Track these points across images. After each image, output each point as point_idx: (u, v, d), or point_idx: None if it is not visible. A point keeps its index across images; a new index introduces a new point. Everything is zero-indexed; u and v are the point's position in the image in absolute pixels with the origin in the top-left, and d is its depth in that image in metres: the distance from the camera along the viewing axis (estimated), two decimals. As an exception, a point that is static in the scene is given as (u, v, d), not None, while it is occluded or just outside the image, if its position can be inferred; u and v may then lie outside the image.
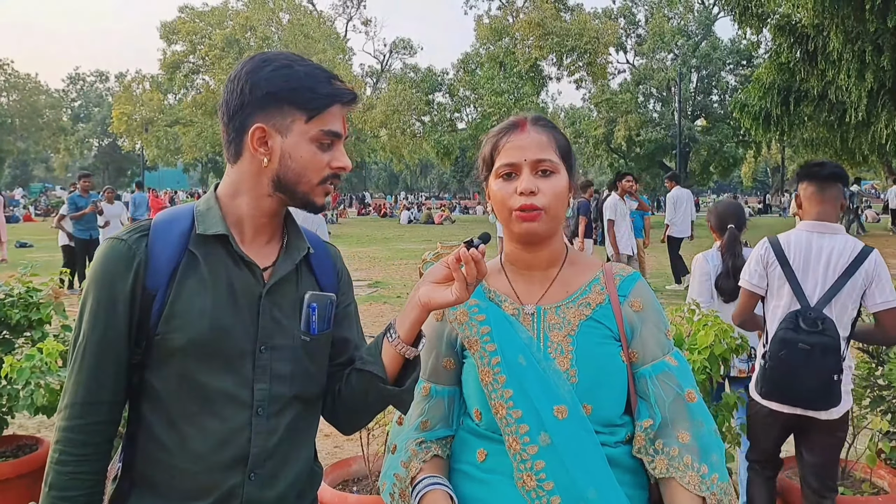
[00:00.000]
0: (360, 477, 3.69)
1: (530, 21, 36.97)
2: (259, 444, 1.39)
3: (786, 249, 3.13)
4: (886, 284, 3.00)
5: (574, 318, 1.60)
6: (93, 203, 11.70)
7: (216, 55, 39.75)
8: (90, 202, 11.68)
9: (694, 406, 1.57)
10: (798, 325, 2.97)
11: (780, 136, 20.69)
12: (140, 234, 1.40)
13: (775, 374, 3.00)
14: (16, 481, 3.70)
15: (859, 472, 3.62)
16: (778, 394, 3.04)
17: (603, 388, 1.56)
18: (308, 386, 1.48)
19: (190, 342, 1.35)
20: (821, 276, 3.04)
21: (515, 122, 1.63)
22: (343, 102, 1.41)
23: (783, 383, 3.01)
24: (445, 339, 1.68)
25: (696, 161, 40.44)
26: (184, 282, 1.37)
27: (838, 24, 15.93)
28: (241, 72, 1.39)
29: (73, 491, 1.35)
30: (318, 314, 1.46)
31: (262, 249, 1.45)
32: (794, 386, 2.98)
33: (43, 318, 3.95)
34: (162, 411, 1.38)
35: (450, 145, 39.63)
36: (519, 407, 1.51)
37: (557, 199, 1.57)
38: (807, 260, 3.08)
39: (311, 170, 1.39)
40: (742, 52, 39.91)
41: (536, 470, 1.48)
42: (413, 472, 1.58)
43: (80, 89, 73.85)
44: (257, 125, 1.37)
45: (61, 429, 1.36)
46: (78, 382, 1.36)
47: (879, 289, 2.99)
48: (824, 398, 2.95)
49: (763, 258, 3.17)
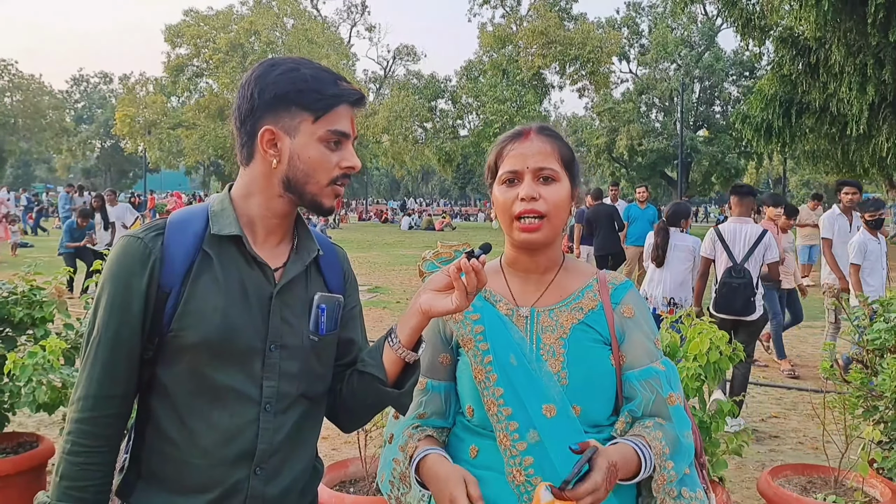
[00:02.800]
0: (357, 478, 3.71)
1: (534, 29, 37.07)
2: (266, 439, 1.43)
3: (723, 233, 5.89)
4: (774, 249, 5.88)
5: (566, 322, 1.65)
6: (88, 236, 11.82)
7: (220, 59, 39.85)
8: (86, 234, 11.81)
9: (672, 408, 1.62)
10: (731, 273, 5.74)
11: (781, 148, 20.71)
12: (156, 232, 1.42)
13: (721, 300, 5.75)
14: (16, 478, 3.71)
15: (852, 480, 3.64)
16: (724, 309, 5.73)
17: (592, 390, 1.61)
18: (314, 385, 1.52)
19: (202, 340, 1.37)
20: (742, 246, 5.80)
21: (521, 130, 1.68)
22: (350, 102, 1.44)
23: (725, 303, 5.73)
24: (441, 335, 1.74)
25: (698, 171, 40.49)
26: (197, 281, 1.40)
27: (840, 38, 15.97)
28: (251, 77, 1.43)
29: (84, 481, 1.38)
30: (327, 315, 1.50)
31: (274, 250, 1.48)
32: (731, 304, 5.70)
33: (46, 317, 3.98)
34: (171, 406, 1.41)
35: (452, 152, 39.67)
36: (509, 405, 1.56)
37: (558, 207, 1.61)
38: (734, 238, 5.84)
39: (320, 170, 1.42)
40: (744, 64, 40.00)
41: (525, 465, 1.53)
42: (410, 452, 1.63)
43: (83, 90, 73.87)
44: (266, 127, 1.40)
45: (74, 420, 1.39)
46: (91, 376, 1.39)
47: (770, 252, 5.84)
48: (747, 310, 5.69)
49: (712, 238, 5.93)
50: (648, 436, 1.56)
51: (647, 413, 1.61)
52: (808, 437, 5.49)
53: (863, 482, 3.60)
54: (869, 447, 3.55)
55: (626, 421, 1.63)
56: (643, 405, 1.62)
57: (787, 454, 5.10)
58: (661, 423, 1.60)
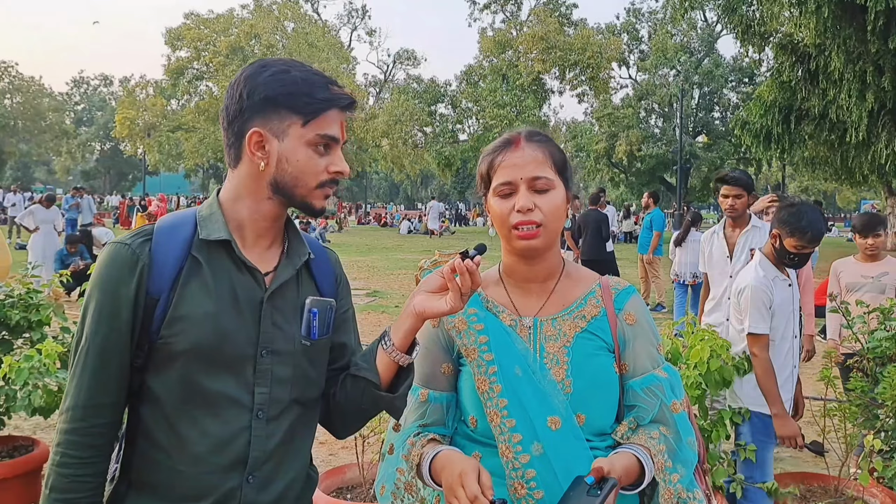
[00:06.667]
0: (354, 485, 3.70)
1: (534, 35, 37.15)
2: (258, 446, 1.41)
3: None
4: None
5: (569, 330, 1.63)
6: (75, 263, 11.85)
7: (220, 62, 39.85)
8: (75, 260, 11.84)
9: (676, 416, 1.61)
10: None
11: (780, 155, 20.69)
12: (143, 238, 1.41)
13: None
14: (12, 482, 3.70)
15: (852, 489, 3.63)
16: None
17: (596, 398, 1.60)
18: (307, 390, 1.50)
19: (192, 346, 1.36)
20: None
21: (510, 139, 1.66)
22: (340, 107, 1.42)
23: None
24: (442, 344, 1.71)
25: (697, 177, 40.50)
26: (187, 286, 1.38)
27: (840, 45, 16.01)
28: (241, 77, 1.42)
29: (74, 493, 1.35)
30: (319, 319, 1.47)
31: (264, 254, 1.46)
32: None
33: (42, 320, 3.96)
34: (162, 414, 1.38)
35: (451, 156, 39.68)
36: (513, 416, 1.54)
37: (554, 214, 1.59)
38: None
39: (308, 174, 1.40)
40: (744, 70, 40.07)
41: (527, 478, 1.51)
42: (415, 460, 1.59)
43: (83, 93, 73.94)
44: (254, 129, 1.38)
45: (63, 431, 1.36)
46: (80, 385, 1.37)
47: None
48: None
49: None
50: (654, 448, 1.55)
51: (650, 420, 1.60)
52: (808, 445, 5.46)
53: (863, 491, 3.59)
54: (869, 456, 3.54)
55: (630, 427, 1.61)
56: (646, 413, 1.60)
57: (786, 462, 5.07)
58: (666, 434, 1.58)
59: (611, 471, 1.43)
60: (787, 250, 3.24)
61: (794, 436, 3.20)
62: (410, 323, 1.43)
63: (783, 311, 3.33)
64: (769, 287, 3.27)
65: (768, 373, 3.23)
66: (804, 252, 3.24)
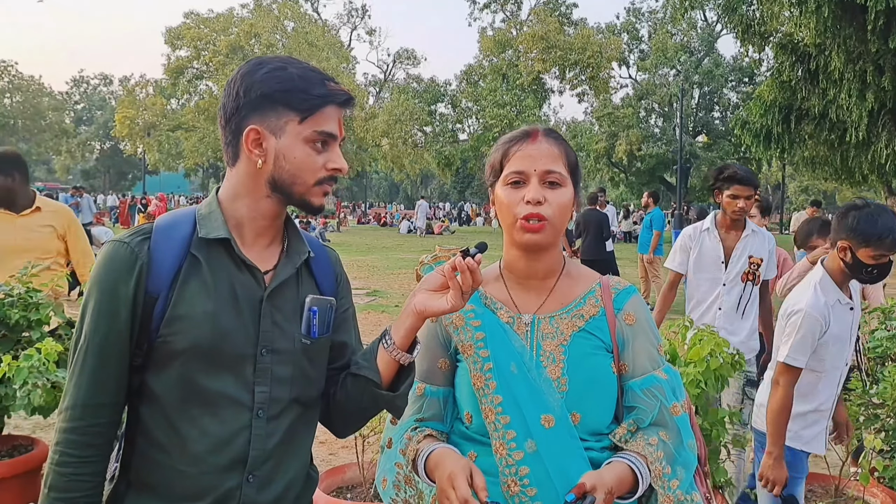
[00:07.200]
0: (354, 484, 3.69)
1: (534, 34, 37.10)
2: (258, 446, 1.40)
3: None
4: None
5: (567, 329, 1.63)
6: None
7: (220, 61, 39.84)
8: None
9: (677, 419, 1.60)
10: None
11: (780, 154, 20.69)
12: (142, 237, 1.40)
13: None
14: (11, 481, 3.69)
15: (853, 489, 3.62)
16: None
17: (592, 397, 1.59)
18: (307, 389, 1.49)
19: (192, 345, 1.35)
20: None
21: (528, 131, 1.66)
22: (337, 103, 1.42)
23: None
24: (439, 340, 1.71)
25: (697, 177, 40.48)
26: (186, 285, 1.37)
27: (840, 44, 16.00)
28: (237, 75, 1.41)
29: (73, 492, 1.35)
30: (319, 318, 1.47)
31: (263, 253, 1.46)
32: None
33: (42, 319, 3.96)
34: (161, 413, 1.38)
35: (451, 156, 39.65)
36: (507, 413, 1.54)
37: (562, 212, 1.59)
38: None
39: (306, 171, 1.40)
40: (744, 70, 40.05)
41: (520, 476, 1.51)
42: (411, 455, 1.61)
43: (83, 92, 73.81)
44: (251, 127, 1.38)
45: (62, 430, 1.36)
46: (79, 385, 1.36)
47: None
48: None
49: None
50: (651, 456, 1.54)
51: (650, 423, 1.59)
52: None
53: (864, 491, 3.59)
54: (870, 456, 3.54)
55: (628, 429, 1.60)
56: (646, 414, 1.59)
57: (786, 462, 5.07)
58: (665, 439, 1.57)
59: (596, 486, 1.43)
60: (863, 263, 2.77)
61: (779, 482, 2.86)
62: (411, 321, 1.43)
63: (839, 340, 2.93)
64: (826, 316, 2.84)
65: (785, 410, 2.87)
66: (883, 262, 2.79)
